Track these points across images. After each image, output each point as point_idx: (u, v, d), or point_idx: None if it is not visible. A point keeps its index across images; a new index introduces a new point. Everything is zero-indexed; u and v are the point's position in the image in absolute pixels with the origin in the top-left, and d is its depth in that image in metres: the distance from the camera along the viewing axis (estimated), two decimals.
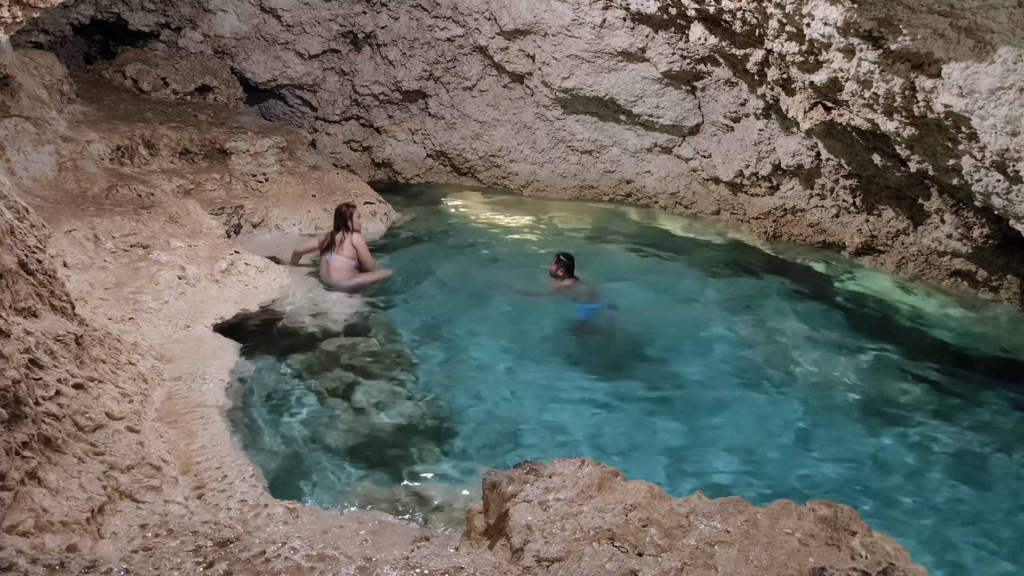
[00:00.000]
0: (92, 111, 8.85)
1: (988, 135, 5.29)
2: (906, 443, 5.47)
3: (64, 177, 7.34)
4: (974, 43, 4.97)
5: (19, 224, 4.06)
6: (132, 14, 10.39)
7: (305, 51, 10.92)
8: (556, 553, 2.97)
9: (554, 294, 7.45)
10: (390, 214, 9.46)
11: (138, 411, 4.25)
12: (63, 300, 4.15)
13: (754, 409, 5.83)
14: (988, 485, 5.08)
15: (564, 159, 10.94)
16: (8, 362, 3.08)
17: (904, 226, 8.29)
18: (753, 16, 6.89)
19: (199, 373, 5.16)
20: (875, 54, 5.69)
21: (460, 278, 7.93)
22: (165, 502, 3.55)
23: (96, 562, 2.62)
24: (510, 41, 10.38)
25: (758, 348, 6.77)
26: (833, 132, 7.48)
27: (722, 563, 2.93)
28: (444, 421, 5.37)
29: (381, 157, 11.42)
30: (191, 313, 6.00)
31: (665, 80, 9.74)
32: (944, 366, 6.61)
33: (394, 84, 11.06)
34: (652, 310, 7.51)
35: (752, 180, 9.55)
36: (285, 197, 8.84)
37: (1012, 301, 7.67)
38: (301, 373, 5.76)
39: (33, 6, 4.96)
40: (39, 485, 2.98)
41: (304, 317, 6.57)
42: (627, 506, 3.20)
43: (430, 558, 3.12)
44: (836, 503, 3.28)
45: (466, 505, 4.01)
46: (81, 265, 6.03)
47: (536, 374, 6.13)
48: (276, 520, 3.73)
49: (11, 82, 7.22)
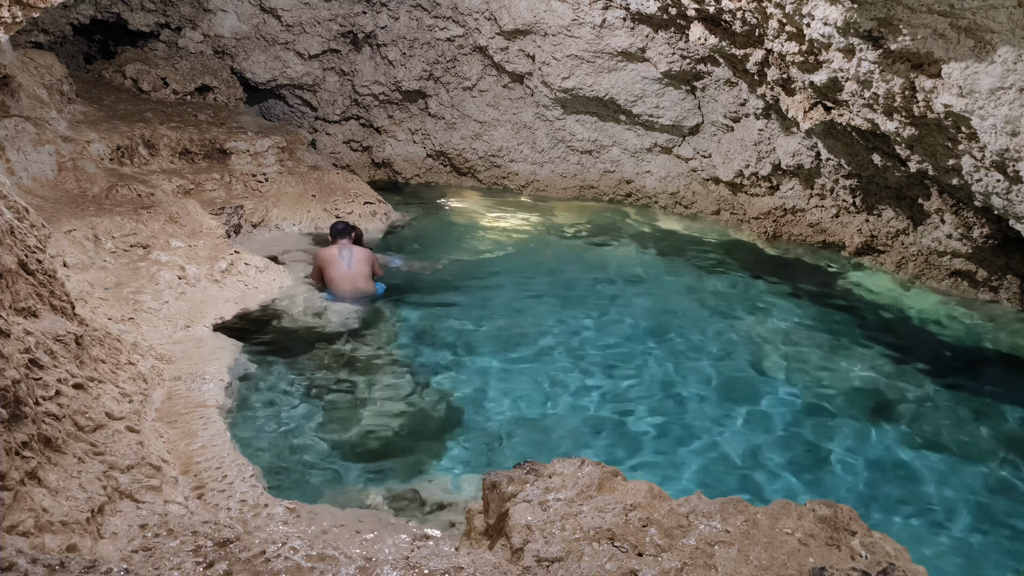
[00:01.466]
0: (92, 111, 8.85)
1: (988, 135, 5.29)
2: (906, 443, 5.47)
3: (64, 177, 7.34)
4: (974, 43, 4.97)
5: (19, 224, 4.06)
6: (132, 14, 10.39)
7: (305, 51, 10.92)
8: (556, 553, 2.97)
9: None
10: (390, 214, 9.46)
11: (138, 411, 4.25)
12: (63, 300, 4.15)
13: (754, 409, 5.83)
14: (988, 485, 5.08)
15: (564, 159, 10.94)
16: (8, 362, 3.08)
17: (904, 226, 8.29)
18: (753, 16, 6.89)
19: (199, 373, 5.16)
20: (875, 54, 5.69)
21: (459, 278, 7.93)
22: (165, 502, 3.55)
23: (96, 562, 2.62)
24: (510, 41, 10.39)
25: (758, 348, 6.77)
26: (833, 132, 7.48)
27: (722, 563, 2.93)
28: (444, 421, 5.37)
29: (381, 157, 11.42)
30: (191, 313, 6.00)
31: (665, 80, 9.74)
32: (944, 366, 6.61)
33: (394, 84, 11.06)
34: (651, 310, 7.51)
35: (752, 180, 9.56)
36: (285, 197, 8.84)
37: (1012, 301, 7.67)
38: (301, 373, 5.76)
39: (33, 6, 4.96)
40: (39, 485, 2.98)
41: (304, 317, 6.57)
42: (627, 506, 3.20)
43: (430, 558, 3.12)
44: (836, 503, 3.28)
45: (466, 505, 4.01)
46: (81, 265, 6.03)
47: (536, 374, 6.13)
48: (276, 520, 3.73)
49: (11, 82, 7.22)
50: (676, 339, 6.87)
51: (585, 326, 7.04)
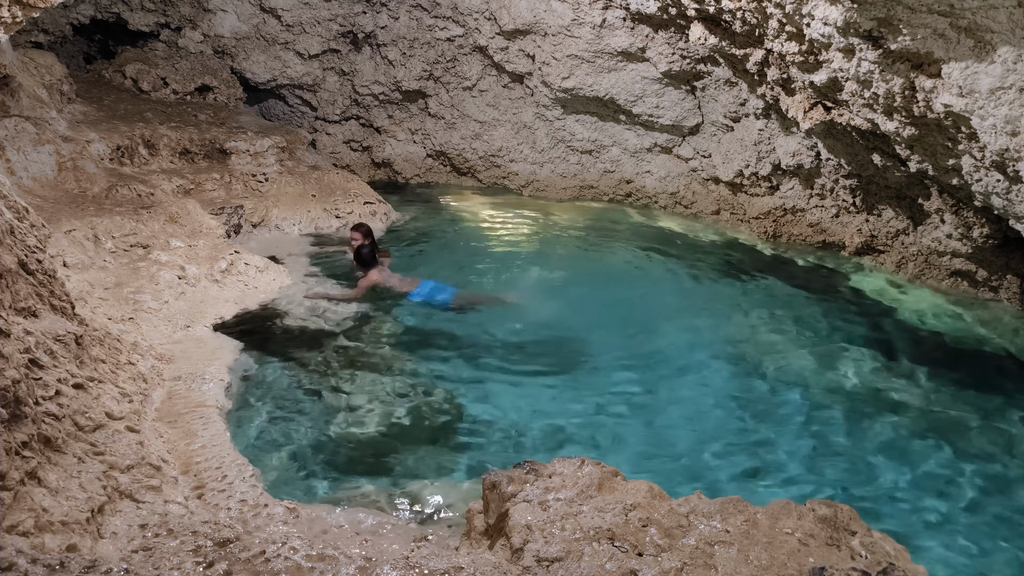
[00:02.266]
0: (92, 111, 8.85)
1: (988, 135, 5.29)
2: (905, 443, 5.47)
3: (64, 177, 7.34)
4: (974, 43, 4.97)
5: (19, 224, 4.06)
6: (132, 14, 10.39)
7: (305, 51, 10.92)
8: (556, 553, 2.97)
9: (367, 291, 7.11)
10: (390, 214, 9.46)
11: (138, 411, 4.26)
12: (63, 300, 4.15)
13: (754, 409, 5.84)
14: (988, 485, 5.09)
15: (564, 159, 10.94)
16: (8, 362, 3.08)
17: (904, 226, 8.29)
18: (753, 16, 6.89)
19: (199, 373, 5.16)
20: (875, 54, 5.69)
21: (459, 278, 7.93)
22: (165, 502, 3.55)
23: (96, 562, 2.62)
24: (510, 41, 10.38)
25: (758, 348, 6.77)
26: (833, 132, 7.48)
27: (722, 563, 2.93)
28: (444, 421, 5.37)
29: (381, 157, 11.42)
30: (191, 313, 6.00)
31: (665, 80, 9.74)
32: (944, 366, 6.61)
33: (394, 84, 11.06)
34: (651, 309, 7.51)
35: (752, 180, 9.56)
36: (285, 197, 8.84)
37: (1012, 301, 7.67)
38: (301, 373, 5.76)
39: (33, 6, 4.96)
40: (39, 485, 2.98)
41: (304, 317, 6.57)
42: (627, 506, 3.20)
43: (430, 558, 3.12)
44: (836, 503, 3.28)
45: (466, 505, 4.01)
46: (81, 265, 6.03)
47: (536, 374, 6.13)
48: (276, 520, 3.73)
49: (11, 82, 7.22)
50: (675, 339, 6.87)
51: (585, 326, 7.04)
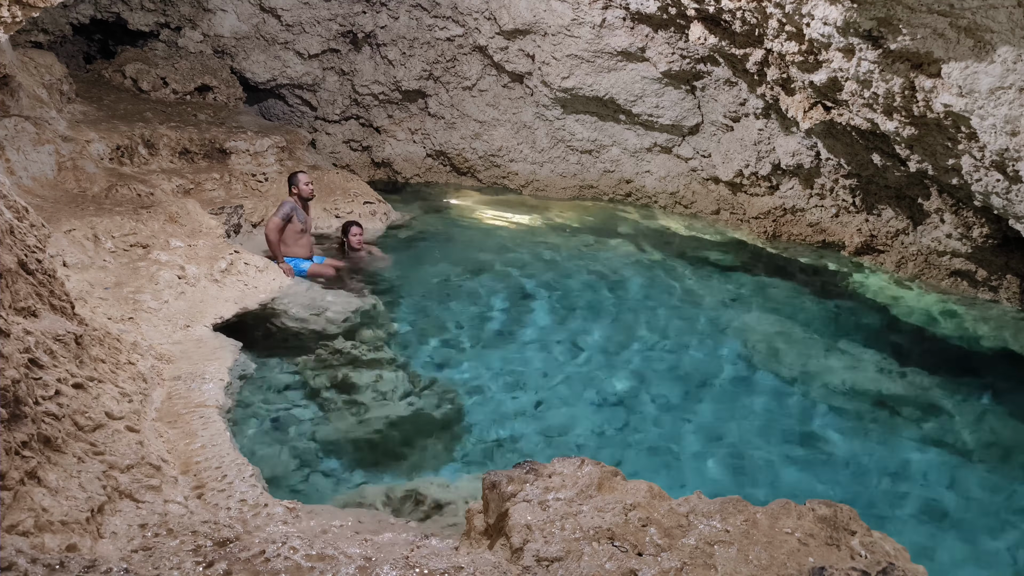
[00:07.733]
0: (92, 111, 8.85)
1: (988, 135, 5.29)
2: (906, 443, 5.47)
3: (64, 177, 7.33)
4: (974, 43, 4.97)
5: (19, 224, 4.05)
6: (132, 14, 10.38)
7: (305, 51, 10.92)
8: (556, 553, 2.97)
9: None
10: (389, 213, 9.46)
11: (138, 411, 4.25)
12: (63, 300, 4.15)
13: (754, 408, 5.84)
14: (988, 485, 5.09)
15: (564, 159, 10.94)
16: (8, 362, 3.08)
17: (904, 226, 8.29)
18: (753, 16, 6.89)
19: (199, 373, 5.16)
20: (875, 54, 5.69)
21: (459, 277, 7.93)
22: (165, 502, 3.55)
23: (96, 562, 2.62)
24: (510, 41, 10.38)
25: (757, 348, 6.77)
26: (833, 132, 7.48)
27: (722, 563, 2.93)
28: (444, 420, 5.37)
29: (381, 157, 11.42)
30: (191, 313, 5.99)
31: (665, 80, 9.74)
32: (944, 366, 6.61)
33: (394, 84, 11.06)
34: (651, 309, 7.51)
35: (752, 180, 9.56)
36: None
37: (1012, 301, 7.67)
38: (301, 372, 5.76)
39: (33, 6, 4.96)
40: (39, 485, 2.98)
41: (304, 316, 6.57)
42: (627, 506, 3.20)
43: (430, 558, 3.12)
44: (836, 503, 3.27)
45: (466, 505, 4.01)
46: (81, 265, 6.02)
47: (536, 373, 6.13)
48: (276, 520, 3.72)
49: (11, 82, 7.22)
50: (675, 338, 6.88)
51: (585, 326, 7.04)
